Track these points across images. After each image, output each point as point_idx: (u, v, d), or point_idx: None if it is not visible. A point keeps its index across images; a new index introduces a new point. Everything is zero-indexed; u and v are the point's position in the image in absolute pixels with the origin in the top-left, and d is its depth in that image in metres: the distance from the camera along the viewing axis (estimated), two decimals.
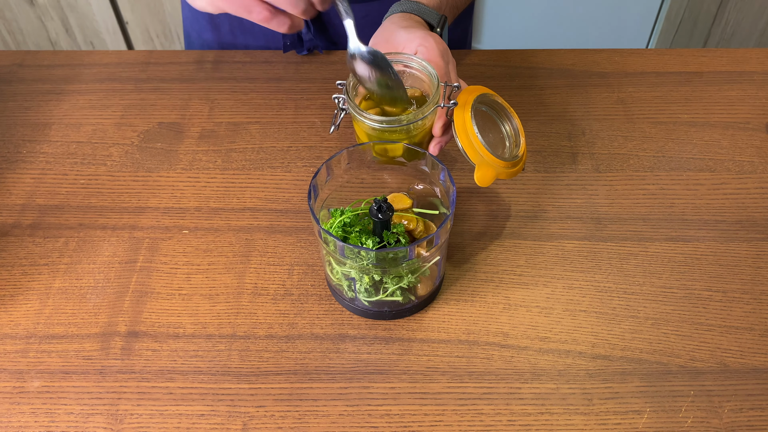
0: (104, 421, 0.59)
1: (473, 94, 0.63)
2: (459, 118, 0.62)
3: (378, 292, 0.62)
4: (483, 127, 0.64)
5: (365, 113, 0.62)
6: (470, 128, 0.62)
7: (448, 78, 0.66)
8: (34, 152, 0.81)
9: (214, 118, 0.84)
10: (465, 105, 0.62)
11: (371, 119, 0.62)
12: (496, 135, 0.66)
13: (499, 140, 0.66)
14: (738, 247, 0.70)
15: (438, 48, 0.66)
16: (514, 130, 0.67)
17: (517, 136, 0.66)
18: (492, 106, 0.66)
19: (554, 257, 0.69)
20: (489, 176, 0.63)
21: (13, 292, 0.67)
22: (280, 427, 0.58)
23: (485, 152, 0.62)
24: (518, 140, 0.66)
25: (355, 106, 0.62)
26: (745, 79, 0.88)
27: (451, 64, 0.68)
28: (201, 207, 0.74)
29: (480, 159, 0.62)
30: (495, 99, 0.66)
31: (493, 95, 0.65)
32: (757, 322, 0.64)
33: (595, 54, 0.91)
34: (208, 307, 0.66)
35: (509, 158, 0.64)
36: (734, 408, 0.59)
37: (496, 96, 0.66)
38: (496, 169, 0.63)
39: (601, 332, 0.64)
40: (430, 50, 0.66)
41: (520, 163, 0.65)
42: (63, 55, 0.93)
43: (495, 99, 0.66)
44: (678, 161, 0.78)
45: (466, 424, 0.58)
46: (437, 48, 0.66)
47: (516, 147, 0.66)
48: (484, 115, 0.66)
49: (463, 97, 0.63)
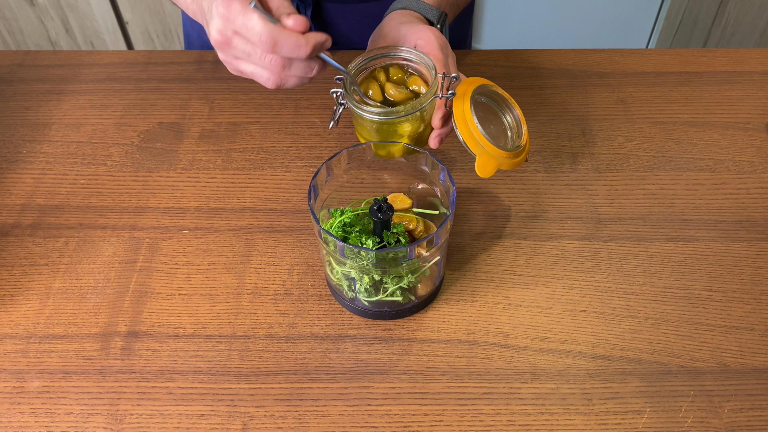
0: (104, 421, 0.59)
1: (472, 84, 0.63)
2: (458, 109, 0.62)
3: (378, 292, 0.62)
4: (483, 118, 0.63)
5: (363, 106, 0.62)
6: (469, 118, 0.61)
7: (446, 70, 0.66)
8: (34, 152, 0.81)
9: (214, 118, 0.84)
10: (464, 95, 0.62)
11: (370, 111, 0.61)
12: (497, 126, 0.66)
13: (500, 131, 0.66)
14: (738, 247, 0.70)
15: (437, 41, 0.66)
16: (516, 121, 0.66)
17: (519, 126, 0.66)
18: (492, 96, 0.66)
19: (554, 257, 0.69)
20: (490, 166, 0.63)
21: (13, 292, 0.67)
22: (280, 427, 0.58)
23: (485, 142, 0.61)
24: (520, 130, 0.66)
25: (352, 100, 0.62)
26: (745, 79, 0.88)
27: (450, 57, 0.67)
28: (201, 207, 0.74)
29: (480, 149, 0.62)
30: (495, 90, 0.65)
31: (492, 86, 0.65)
32: (757, 322, 0.64)
33: (595, 54, 0.91)
34: (208, 307, 0.66)
35: (511, 148, 0.64)
36: (734, 408, 0.59)
37: (495, 87, 0.65)
38: (497, 159, 0.63)
39: (601, 332, 0.64)
40: (428, 43, 0.66)
41: (523, 153, 0.65)
42: (63, 55, 0.93)
43: (495, 90, 0.65)
44: (678, 161, 0.78)
45: (466, 424, 0.58)
46: (436, 41, 0.66)
47: (518, 137, 0.66)
48: (484, 106, 0.65)
49: (462, 88, 0.63)
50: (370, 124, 0.63)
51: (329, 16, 0.91)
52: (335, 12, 0.90)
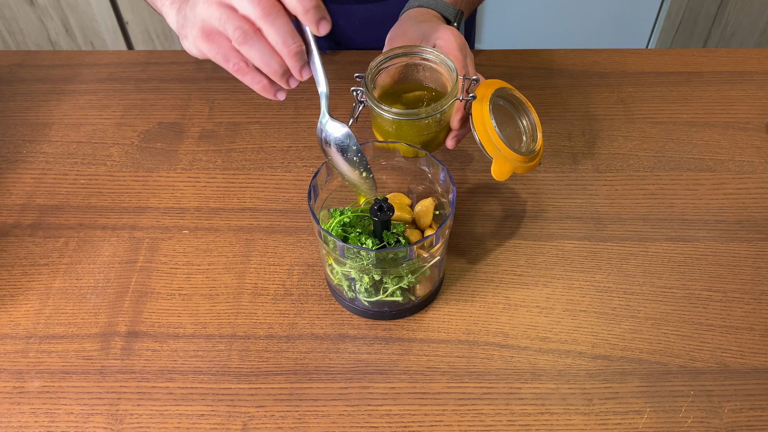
0: (104, 421, 0.59)
1: (491, 87, 0.63)
2: (477, 112, 0.62)
3: (378, 292, 0.62)
4: (500, 121, 0.64)
5: (384, 105, 0.62)
6: (488, 122, 0.61)
7: (466, 71, 0.66)
8: (34, 152, 0.81)
9: (214, 118, 0.84)
10: (483, 98, 0.62)
11: (390, 112, 0.61)
12: (513, 129, 0.66)
13: (515, 134, 0.66)
14: (738, 247, 0.70)
15: (456, 41, 0.66)
16: (532, 125, 0.66)
17: (534, 130, 0.66)
18: (510, 100, 0.66)
19: (554, 257, 0.69)
20: (506, 170, 0.63)
21: (13, 292, 0.67)
22: (280, 427, 0.58)
23: (503, 146, 0.62)
24: (535, 135, 0.66)
25: (373, 99, 0.62)
26: (745, 79, 0.88)
27: (469, 58, 0.67)
28: (201, 207, 0.74)
29: (497, 153, 0.62)
30: (513, 93, 0.66)
31: (511, 89, 0.65)
32: (757, 322, 0.64)
33: (595, 54, 0.91)
34: (208, 307, 0.66)
35: (526, 152, 0.64)
36: (734, 408, 0.59)
37: (514, 90, 0.66)
38: (513, 163, 0.63)
39: (601, 332, 0.64)
40: (448, 43, 0.66)
41: (537, 157, 0.65)
42: (63, 55, 0.93)
43: (513, 93, 0.66)
44: (678, 161, 0.78)
45: (466, 424, 0.58)
46: (455, 41, 0.66)
47: (533, 142, 0.66)
48: (501, 109, 0.66)
49: (482, 91, 0.63)
50: (389, 124, 0.64)
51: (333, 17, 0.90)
52: (339, 13, 0.90)
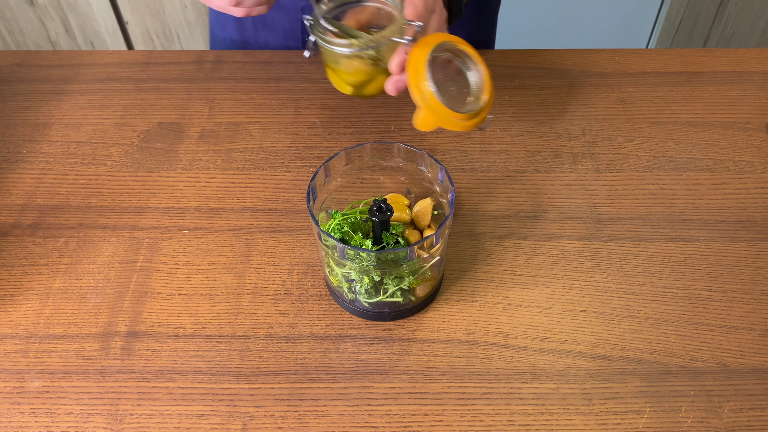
0: (104, 421, 0.59)
1: (442, 38, 0.60)
2: (414, 56, 0.59)
3: (378, 293, 0.62)
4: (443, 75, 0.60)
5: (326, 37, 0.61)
6: (421, 67, 0.58)
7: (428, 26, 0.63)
8: (34, 152, 0.81)
9: (214, 118, 0.84)
10: (426, 44, 0.59)
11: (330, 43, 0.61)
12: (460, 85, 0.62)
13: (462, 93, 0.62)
14: (738, 247, 0.70)
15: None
16: (479, 83, 0.62)
17: (480, 90, 0.62)
18: (459, 55, 0.62)
19: (554, 257, 0.69)
20: (429, 122, 0.60)
21: (13, 292, 0.67)
22: (280, 427, 0.58)
23: (431, 96, 0.58)
24: (480, 94, 0.62)
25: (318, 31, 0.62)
26: (745, 79, 0.88)
27: (435, 15, 0.64)
28: (201, 207, 0.74)
29: (424, 101, 0.58)
30: (463, 48, 0.61)
31: (462, 44, 0.61)
32: (757, 322, 0.64)
33: (595, 54, 0.91)
34: (208, 307, 0.66)
35: (462, 110, 0.60)
36: (734, 408, 0.59)
37: (466, 45, 0.62)
38: (440, 115, 0.59)
39: (601, 332, 0.64)
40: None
41: (476, 118, 0.61)
42: (63, 55, 0.93)
43: (463, 48, 0.61)
44: (678, 161, 0.78)
45: (466, 424, 0.58)
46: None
47: (476, 100, 0.62)
48: (449, 64, 0.62)
49: (430, 39, 0.60)
50: (332, 60, 0.64)
51: None
52: None
